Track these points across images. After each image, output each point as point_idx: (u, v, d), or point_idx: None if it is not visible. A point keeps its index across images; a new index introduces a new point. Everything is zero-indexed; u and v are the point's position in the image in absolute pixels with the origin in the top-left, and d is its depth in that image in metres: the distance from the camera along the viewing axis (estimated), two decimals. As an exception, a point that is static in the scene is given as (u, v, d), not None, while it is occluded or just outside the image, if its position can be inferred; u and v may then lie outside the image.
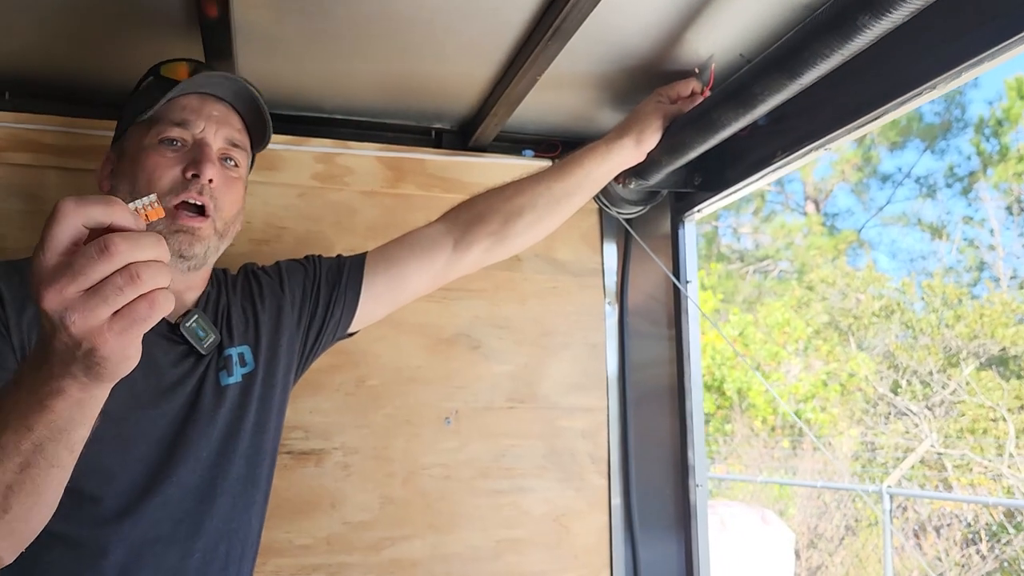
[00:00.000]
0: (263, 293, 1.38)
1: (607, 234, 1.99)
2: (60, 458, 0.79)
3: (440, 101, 1.77)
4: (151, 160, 1.19)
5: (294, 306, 1.40)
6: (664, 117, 1.54)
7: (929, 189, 14.87)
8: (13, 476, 0.78)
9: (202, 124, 1.23)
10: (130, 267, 0.67)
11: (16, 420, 0.76)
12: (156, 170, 1.18)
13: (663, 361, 1.96)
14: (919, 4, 0.97)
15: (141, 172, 1.19)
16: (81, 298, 0.67)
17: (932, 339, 9.84)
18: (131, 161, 1.21)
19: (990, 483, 8.76)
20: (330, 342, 1.46)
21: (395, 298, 1.47)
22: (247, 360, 1.30)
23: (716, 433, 11.40)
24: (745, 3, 1.33)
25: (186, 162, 1.19)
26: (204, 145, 1.22)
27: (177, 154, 1.21)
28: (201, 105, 1.24)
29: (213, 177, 1.20)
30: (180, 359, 1.23)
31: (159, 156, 1.20)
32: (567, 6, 1.25)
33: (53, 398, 0.74)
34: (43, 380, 0.73)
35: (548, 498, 1.86)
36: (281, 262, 1.46)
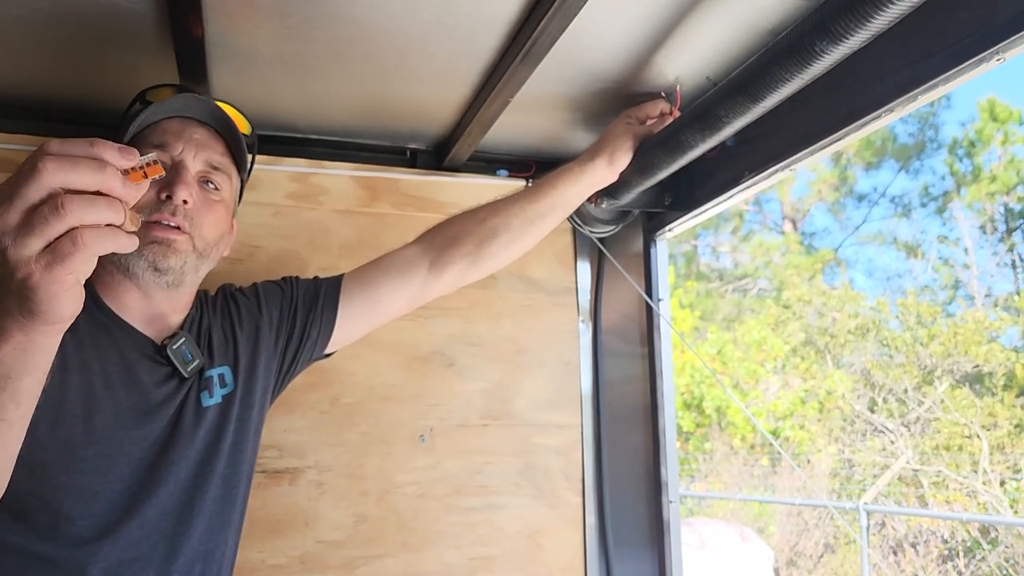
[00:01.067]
0: (241, 314, 1.39)
1: (580, 253, 2.01)
2: (6, 410, 0.76)
3: (414, 122, 1.80)
4: None
5: (271, 327, 1.40)
6: (635, 138, 1.57)
7: (904, 208, 15.10)
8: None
9: (181, 146, 1.23)
10: (56, 197, 0.65)
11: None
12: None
13: (636, 378, 1.98)
14: (872, 32, 1.00)
15: None
16: (17, 226, 0.65)
17: (907, 357, 9.95)
18: None
19: (965, 499, 8.84)
20: (307, 363, 1.47)
21: (371, 320, 1.48)
22: (227, 381, 1.31)
23: (695, 451, 11.43)
24: (711, 28, 1.37)
25: (161, 184, 1.20)
26: (180, 168, 1.22)
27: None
28: (183, 128, 1.25)
29: (187, 198, 1.20)
30: (164, 380, 1.23)
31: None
32: (537, 30, 1.28)
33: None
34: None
35: (522, 515, 1.87)
36: (259, 284, 1.46)
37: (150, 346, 1.23)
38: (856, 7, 0.98)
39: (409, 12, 1.30)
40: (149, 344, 1.23)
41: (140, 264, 1.18)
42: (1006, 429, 9.09)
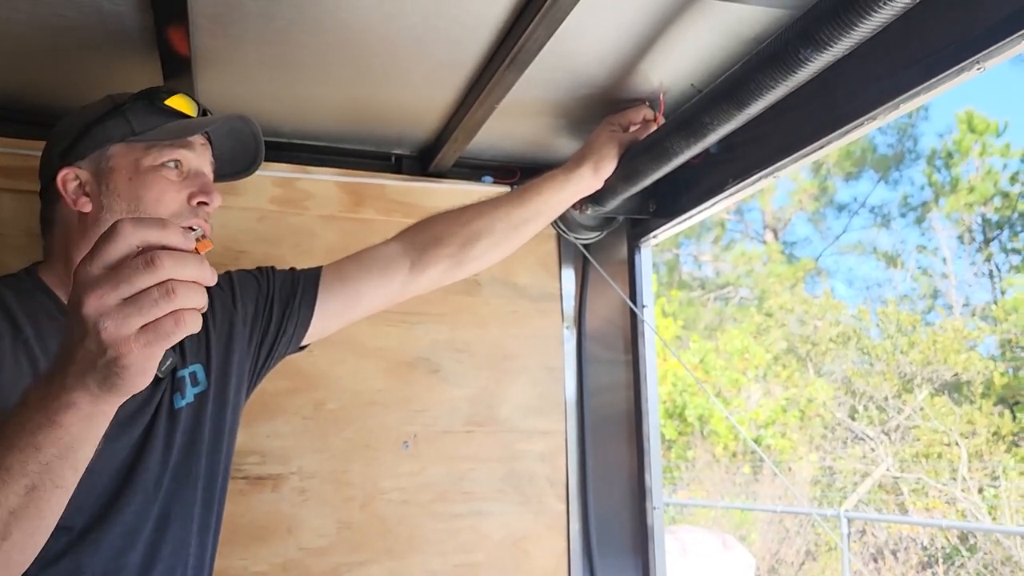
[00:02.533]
0: (214, 307, 1.35)
1: (565, 259, 2.02)
2: (65, 478, 0.78)
3: (400, 127, 1.80)
4: (158, 182, 1.20)
5: (246, 322, 1.38)
6: (620, 145, 1.57)
7: (884, 218, 15.26)
8: (18, 500, 0.77)
9: (197, 150, 1.25)
10: (168, 282, 0.69)
11: (23, 439, 0.75)
12: (165, 193, 1.20)
13: (620, 385, 1.99)
14: (855, 40, 1.02)
15: (146, 193, 1.19)
16: (118, 307, 0.69)
17: (887, 365, 10.04)
18: (127, 180, 1.19)
19: (944, 507, 8.92)
20: (281, 357, 1.44)
21: (349, 315, 1.47)
22: (199, 379, 1.28)
23: (678, 459, 11.46)
24: (696, 35, 1.38)
25: (191, 188, 1.21)
26: (204, 174, 1.25)
27: (179, 179, 1.22)
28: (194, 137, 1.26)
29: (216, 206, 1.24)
30: None
31: (164, 179, 1.20)
32: (524, 36, 1.28)
33: (63, 412, 0.74)
34: (54, 394, 0.74)
35: (507, 522, 1.87)
36: (232, 273, 1.43)
37: None
38: (840, 15, 1.00)
39: (397, 17, 1.31)
40: None
41: None
42: (984, 437, 9.19)
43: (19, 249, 1.55)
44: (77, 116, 1.25)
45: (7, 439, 0.76)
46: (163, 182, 1.20)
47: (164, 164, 1.20)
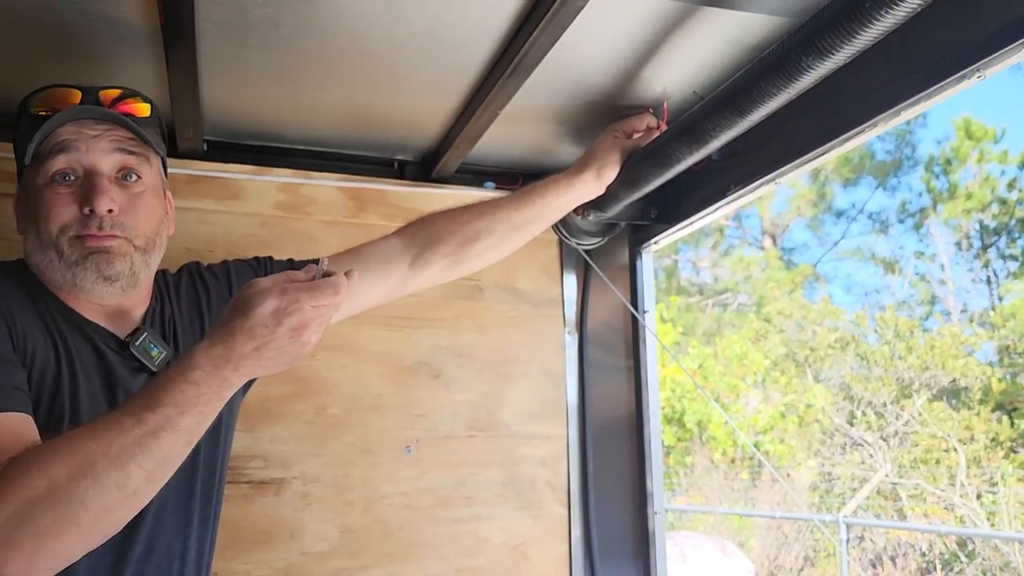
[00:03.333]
0: (210, 299, 1.34)
1: (567, 265, 2.02)
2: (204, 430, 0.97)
3: (403, 133, 1.80)
4: (46, 200, 1.16)
5: None
6: (622, 152, 1.58)
7: (882, 225, 15.29)
8: (180, 451, 0.95)
9: (85, 146, 1.17)
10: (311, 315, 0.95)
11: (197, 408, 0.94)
12: (52, 209, 1.15)
13: (622, 390, 1.99)
14: (856, 48, 1.03)
15: (40, 211, 1.16)
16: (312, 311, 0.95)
17: (886, 371, 10.04)
18: (31, 203, 1.18)
19: (943, 512, 8.92)
20: None
21: (347, 308, 1.45)
22: None
23: (677, 465, 11.45)
24: (698, 43, 1.39)
25: (79, 197, 1.15)
26: (94, 175, 1.16)
27: (70, 189, 1.16)
28: (77, 128, 1.18)
29: (110, 207, 1.16)
30: (134, 372, 1.21)
31: (53, 194, 1.16)
32: (527, 43, 1.29)
33: (231, 389, 0.96)
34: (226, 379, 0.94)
35: (507, 527, 1.87)
36: (230, 262, 1.42)
37: (114, 341, 1.21)
38: (842, 23, 1.01)
39: (401, 24, 1.32)
40: (113, 339, 1.21)
41: (87, 277, 1.16)
42: (982, 443, 9.19)
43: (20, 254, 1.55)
44: None
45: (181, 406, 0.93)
46: (50, 199, 1.16)
47: (53, 178, 1.16)
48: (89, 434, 0.92)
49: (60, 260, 1.15)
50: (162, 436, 0.92)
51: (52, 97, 1.21)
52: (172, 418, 0.92)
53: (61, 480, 0.89)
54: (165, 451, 0.93)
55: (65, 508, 0.89)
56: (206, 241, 1.73)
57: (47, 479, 0.89)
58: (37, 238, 1.17)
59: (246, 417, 1.58)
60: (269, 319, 0.93)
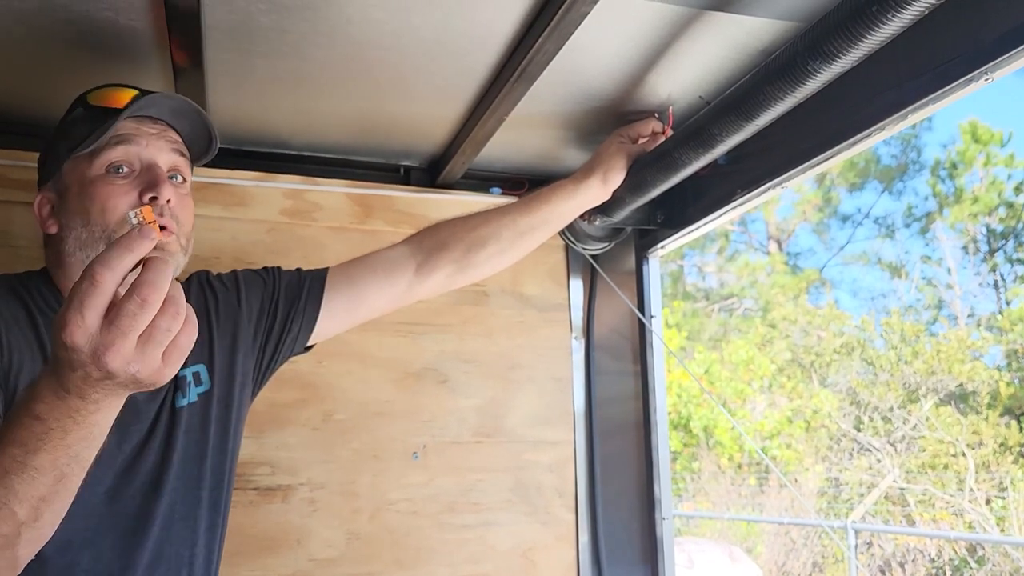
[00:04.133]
0: (219, 307, 1.34)
1: (573, 270, 2.03)
2: (88, 458, 0.84)
3: (409, 139, 1.81)
4: (102, 190, 1.15)
5: (251, 321, 1.36)
6: (628, 157, 1.58)
7: (888, 229, 15.25)
8: (48, 488, 0.82)
9: (145, 142, 1.18)
10: (167, 307, 0.75)
11: (51, 442, 0.80)
12: (109, 199, 1.14)
13: (629, 395, 1.99)
14: (863, 52, 1.03)
15: (93, 204, 1.14)
16: (138, 349, 0.74)
17: (892, 375, 10.01)
18: (78, 196, 1.16)
19: (952, 518, 8.87)
20: (287, 358, 1.42)
21: (353, 317, 1.46)
22: (202, 379, 1.27)
23: (683, 471, 11.43)
24: (704, 48, 1.39)
25: (140, 186, 1.15)
26: (155, 167, 1.18)
27: (127, 180, 1.16)
28: (138, 125, 1.19)
29: (171, 197, 1.16)
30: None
31: (109, 185, 1.15)
32: (533, 49, 1.30)
33: (91, 416, 0.80)
34: (75, 408, 0.79)
35: (515, 532, 1.87)
36: (239, 272, 1.41)
37: None
38: (848, 27, 1.01)
39: (407, 31, 1.32)
40: None
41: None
42: (991, 447, 9.15)
43: (34, 261, 1.55)
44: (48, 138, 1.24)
45: (27, 445, 0.80)
46: (106, 189, 1.15)
47: (107, 170, 1.16)
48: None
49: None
50: (12, 479, 0.80)
51: (112, 95, 1.20)
52: (19, 457, 0.80)
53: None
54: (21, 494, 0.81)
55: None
56: (213, 248, 1.74)
57: None
58: (86, 231, 1.14)
59: (253, 423, 1.58)
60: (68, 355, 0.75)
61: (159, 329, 0.75)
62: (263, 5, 1.24)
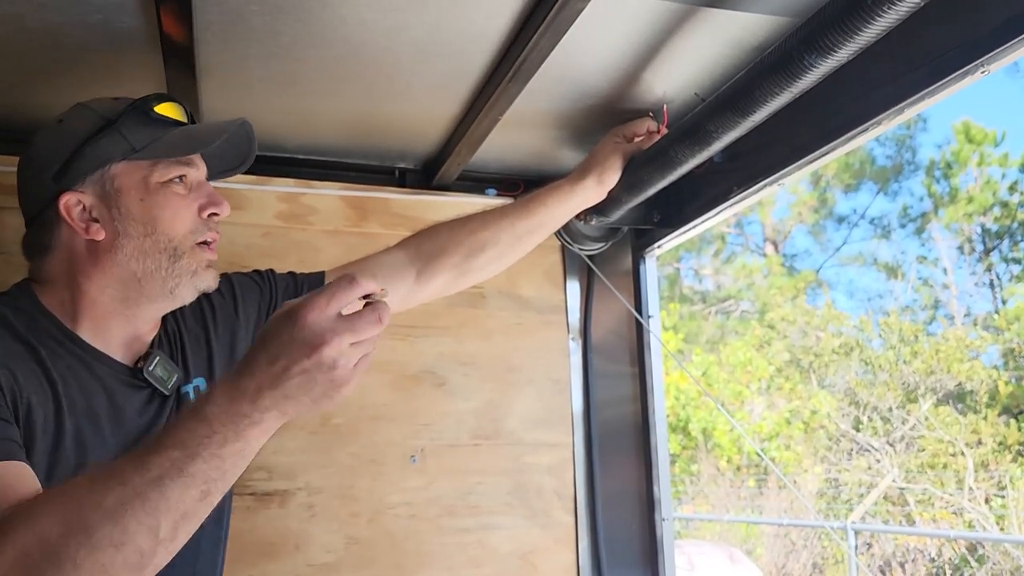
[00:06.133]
0: (216, 317, 1.31)
1: (570, 271, 2.02)
2: (228, 481, 0.86)
3: (404, 141, 1.80)
4: (171, 200, 1.15)
5: (248, 329, 1.34)
6: (624, 156, 1.58)
7: (883, 230, 15.27)
8: (192, 504, 0.83)
9: (198, 163, 1.21)
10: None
11: (209, 451, 0.82)
12: (180, 211, 1.15)
13: (627, 396, 1.98)
14: (859, 45, 1.02)
15: (162, 212, 1.13)
16: (350, 348, 0.84)
17: (891, 375, 10.01)
18: (139, 201, 1.13)
19: (952, 517, 8.86)
20: None
21: None
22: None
23: (682, 473, 11.41)
24: (699, 45, 1.39)
25: (199, 201, 1.18)
26: (208, 185, 1.21)
27: (188, 193, 1.17)
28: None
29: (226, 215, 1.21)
30: (144, 405, 1.16)
31: (175, 195, 1.15)
32: (527, 48, 1.29)
33: (252, 429, 0.84)
34: (244, 413, 0.83)
35: (514, 536, 1.86)
36: (232, 277, 1.38)
37: (125, 371, 1.15)
38: (844, 20, 1.00)
39: (401, 30, 1.31)
40: (124, 370, 1.15)
41: (193, 288, 1.16)
42: (990, 446, 9.15)
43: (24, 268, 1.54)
44: (62, 133, 1.15)
45: (188, 448, 0.82)
46: (176, 199, 1.15)
47: (172, 180, 1.15)
48: (86, 483, 0.83)
49: (173, 266, 1.14)
50: (166, 484, 0.80)
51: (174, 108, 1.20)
52: (178, 462, 0.81)
53: (52, 537, 0.79)
54: (171, 502, 0.81)
55: (54, 570, 0.78)
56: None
57: (36, 536, 0.79)
58: (149, 240, 1.13)
59: (250, 428, 1.57)
60: (287, 336, 0.83)
61: (370, 342, 0.87)
62: (255, 6, 1.23)
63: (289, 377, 0.82)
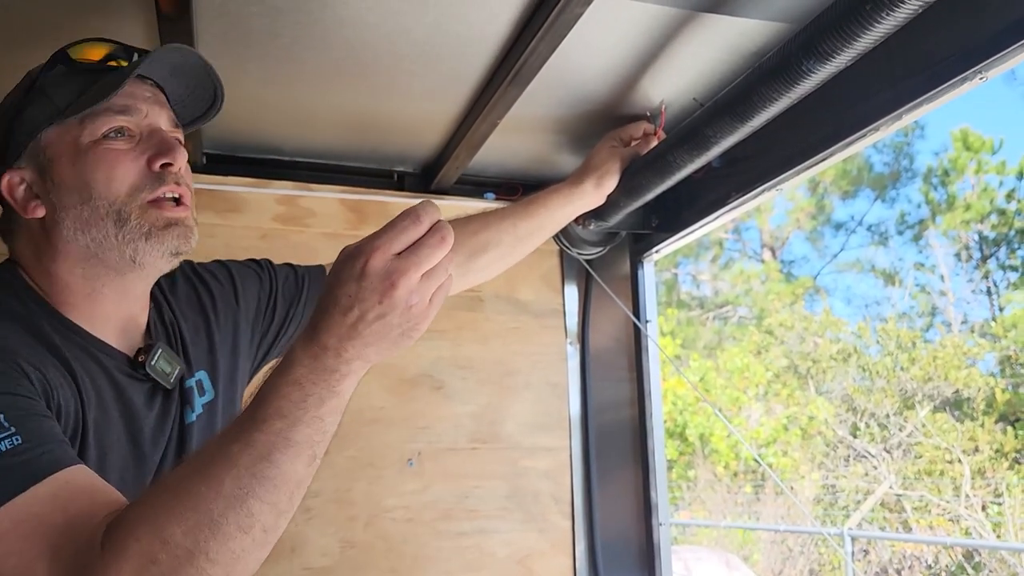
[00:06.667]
0: (216, 305, 1.23)
1: (568, 275, 2.02)
2: (327, 439, 0.82)
3: (402, 144, 1.80)
4: (104, 158, 1.01)
5: (248, 320, 1.27)
6: (622, 160, 1.58)
7: (881, 237, 15.30)
8: (304, 471, 0.80)
9: (144, 108, 1.04)
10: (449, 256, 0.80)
11: (309, 414, 0.78)
12: (115, 168, 1.01)
13: (625, 401, 1.98)
14: (857, 51, 1.02)
15: (95, 172, 1.00)
16: (421, 282, 0.78)
17: (888, 382, 10.02)
18: (71, 167, 1.01)
19: (948, 524, 8.87)
20: (276, 357, 1.30)
21: None
22: (205, 387, 1.16)
23: (679, 479, 11.41)
24: (698, 50, 1.39)
25: (149, 152, 1.03)
26: (160, 132, 1.05)
27: (132, 145, 1.03)
28: (131, 89, 1.04)
29: (183, 163, 1.05)
30: (148, 398, 1.07)
31: (110, 152, 1.01)
32: (526, 52, 1.29)
33: (344, 382, 0.80)
34: (332, 367, 0.79)
35: (511, 540, 1.85)
36: (229, 264, 1.30)
37: (126, 361, 1.06)
38: (842, 26, 1.00)
39: (401, 33, 1.31)
40: (125, 360, 1.06)
41: (156, 252, 1.02)
42: (987, 454, 9.16)
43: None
44: (3, 108, 1.06)
45: (289, 416, 0.78)
46: (110, 155, 1.01)
47: (106, 135, 1.01)
48: (194, 474, 0.78)
49: (121, 232, 1.00)
50: (277, 457, 0.77)
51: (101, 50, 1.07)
52: (283, 432, 0.77)
53: (176, 537, 0.74)
54: (286, 474, 0.78)
55: (188, 569, 0.75)
56: (206, 254, 1.69)
57: (160, 540, 0.74)
58: (87, 208, 1.00)
59: (247, 431, 1.56)
60: (355, 285, 0.77)
61: (441, 268, 0.79)
62: (255, 8, 1.23)
63: (367, 325, 0.78)
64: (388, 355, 0.82)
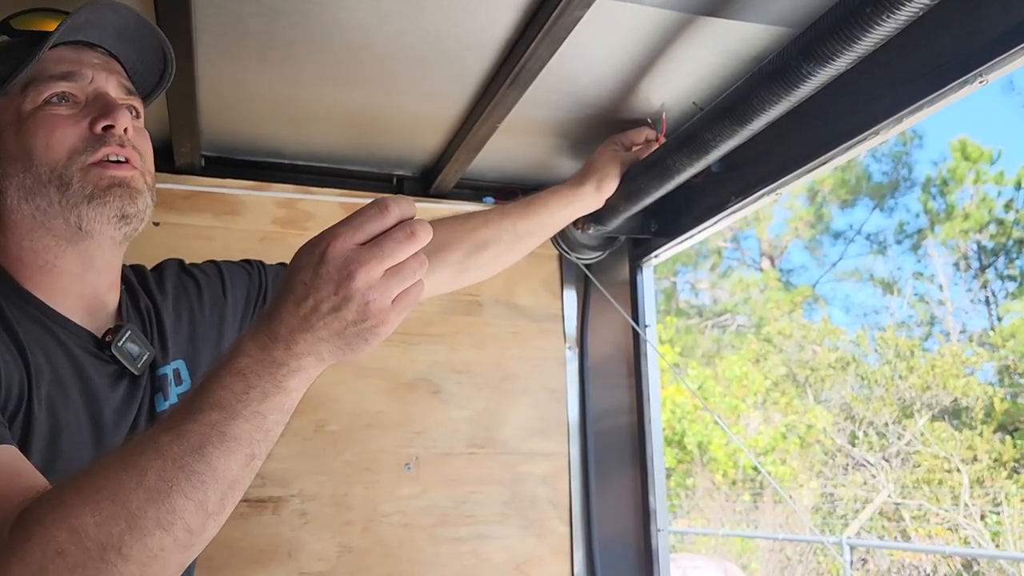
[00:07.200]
0: (203, 297, 1.22)
1: (567, 280, 2.01)
2: (271, 441, 0.76)
3: (402, 148, 1.80)
4: (42, 124, 0.99)
5: (235, 316, 1.25)
6: (622, 164, 1.58)
7: (880, 246, 15.32)
8: (239, 470, 0.74)
9: (90, 74, 1.02)
10: (419, 255, 0.74)
11: (249, 408, 0.73)
12: (53, 133, 0.99)
13: (623, 406, 1.97)
14: (857, 54, 1.02)
15: (35, 138, 0.98)
16: (383, 279, 0.73)
17: (887, 391, 10.02)
18: (14, 135, 1.00)
19: (947, 533, 8.85)
20: None
21: None
22: (183, 377, 1.13)
23: (677, 487, 11.39)
24: (697, 54, 1.39)
25: (91, 115, 1.00)
26: (105, 96, 1.02)
27: (75, 110, 1.01)
28: (78, 55, 1.03)
29: (128, 126, 1.02)
30: (114, 381, 1.04)
31: (51, 118, 0.99)
32: (525, 55, 1.29)
33: (292, 378, 0.75)
34: (280, 361, 0.74)
35: (509, 546, 1.84)
36: (219, 263, 1.29)
37: (91, 341, 1.03)
38: (842, 29, 1.01)
39: (400, 37, 1.31)
40: (90, 339, 1.03)
41: (103, 215, 0.99)
42: (985, 463, 9.15)
43: None
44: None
45: (227, 408, 0.73)
46: (50, 120, 0.99)
47: (48, 100, 1.00)
48: (117, 462, 0.72)
49: (64, 197, 0.98)
50: (209, 452, 0.71)
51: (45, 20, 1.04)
52: (219, 424, 0.72)
53: (88, 528, 0.68)
54: (217, 471, 0.72)
55: (97, 563, 0.68)
56: (204, 257, 1.70)
57: (69, 529, 0.68)
58: (29, 175, 0.98)
59: (243, 434, 1.56)
60: (311, 272, 0.73)
61: (408, 268, 0.74)
62: (252, 8, 1.23)
63: (320, 317, 0.72)
64: (344, 356, 0.76)
